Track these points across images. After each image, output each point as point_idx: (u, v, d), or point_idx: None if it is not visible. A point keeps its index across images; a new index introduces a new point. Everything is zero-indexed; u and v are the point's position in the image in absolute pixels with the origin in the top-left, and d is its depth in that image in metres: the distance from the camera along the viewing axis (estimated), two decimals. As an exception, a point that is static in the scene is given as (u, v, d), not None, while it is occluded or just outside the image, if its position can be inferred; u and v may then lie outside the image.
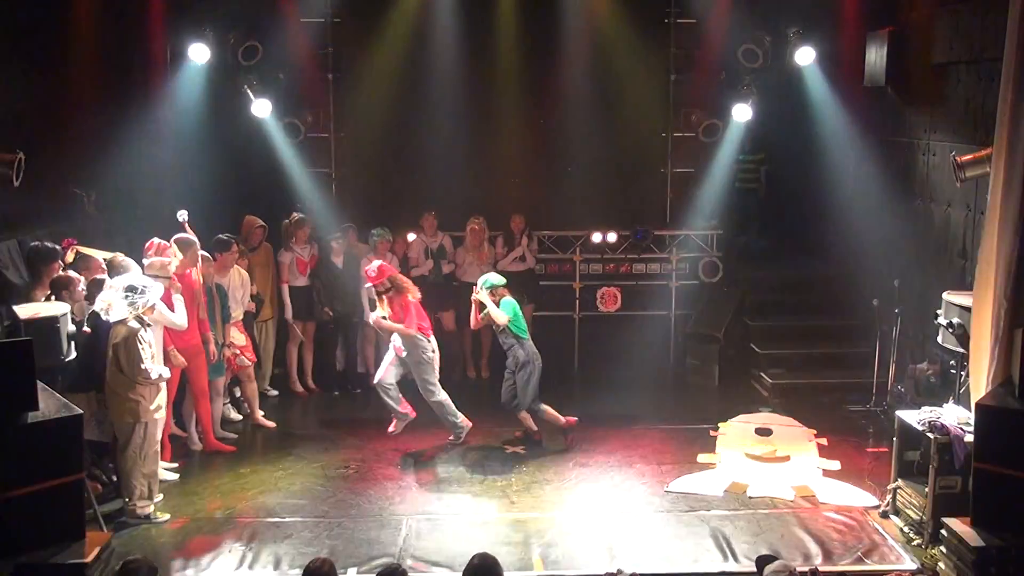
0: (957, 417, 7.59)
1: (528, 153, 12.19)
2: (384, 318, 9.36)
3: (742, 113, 11.78)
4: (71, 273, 8.18)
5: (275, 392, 10.95)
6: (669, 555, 7.33)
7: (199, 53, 10.97)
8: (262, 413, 10.06)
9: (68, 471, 6.67)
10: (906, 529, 7.71)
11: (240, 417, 10.17)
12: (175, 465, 8.86)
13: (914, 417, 7.76)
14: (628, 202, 12.39)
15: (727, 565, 7.21)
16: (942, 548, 7.01)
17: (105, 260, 8.51)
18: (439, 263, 11.50)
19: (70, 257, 8.42)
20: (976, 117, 9.21)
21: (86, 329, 7.83)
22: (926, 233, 10.31)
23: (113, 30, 10.38)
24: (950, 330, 7.92)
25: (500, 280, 9.49)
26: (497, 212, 11.66)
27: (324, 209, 11.70)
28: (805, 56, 11.49)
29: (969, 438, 7.22)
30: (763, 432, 9.43)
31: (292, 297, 10.85)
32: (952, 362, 8.51)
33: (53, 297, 7.90)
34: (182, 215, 8.85)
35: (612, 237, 12.11)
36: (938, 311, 8.13)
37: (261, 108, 11.38)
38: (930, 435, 7.45)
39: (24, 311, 7.40)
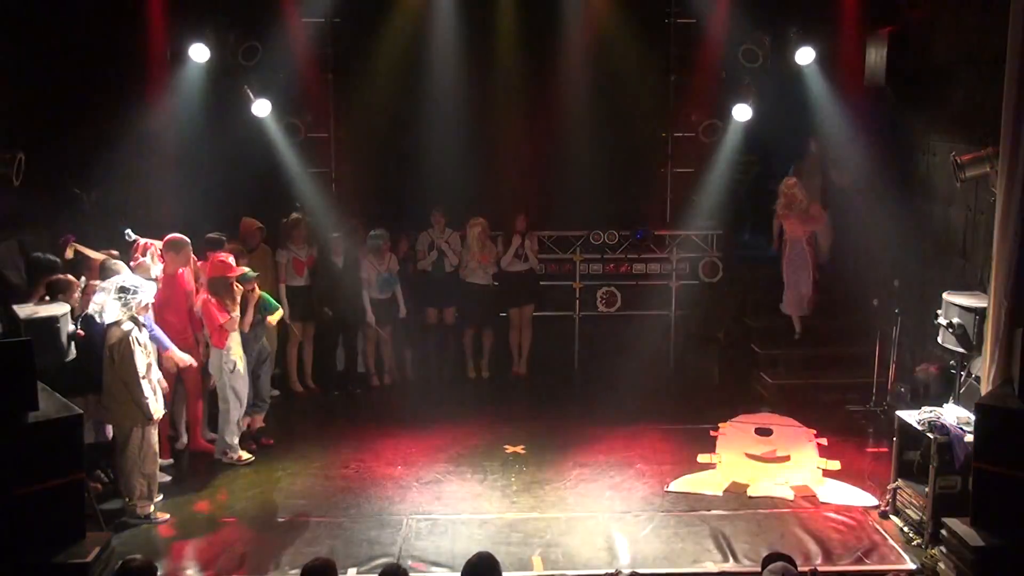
0: (957, 417, 7.59)
1: (528, 153, 12.15)
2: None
3: (742, 113, 11.76)
4: (69, 276, 8.16)
5: (276, 392, 10.91)
6: (669, 555, 7.34)
7: (199, 53, 10.95)
8: (262, 413, 10.05)
9: (68, 471, 6.67)
10: (906, 529, 7.72)
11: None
12: (170, 462, 8.87)
13: (914, 417, 7.76)
14: (628, 202, 12.36)
15: (727, 565, 7.22)
16: (942, 548, 7.01)
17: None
18: (442, 259, 11.49)
19: (69, 253, 8.41)
20: (976, 117, 9.21)
21: (80, 332, 7.81)
22: (926, 233, 10.30)
23: (113, 30, 10.36)
24: (950, 330, 7.92)
25: (252, 273, 9.29)
26: (497, 212, 11.65)
27: (324, 209, 11.68)
28: (805, 56, 11.46)
29: (969, 438, 7.23)
30: (763, 432, 9.42)
31: (290, 297, 10.83)
32: (952, 362, 8.50)
33: (48, 300, 7.88)
34: (129, 234, 8.84)
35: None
36: (938, 311, 8.13)
37: (261, 108, 11.35)
38: (930, 435, 7.46)
39: (24, 311, 7.40)
